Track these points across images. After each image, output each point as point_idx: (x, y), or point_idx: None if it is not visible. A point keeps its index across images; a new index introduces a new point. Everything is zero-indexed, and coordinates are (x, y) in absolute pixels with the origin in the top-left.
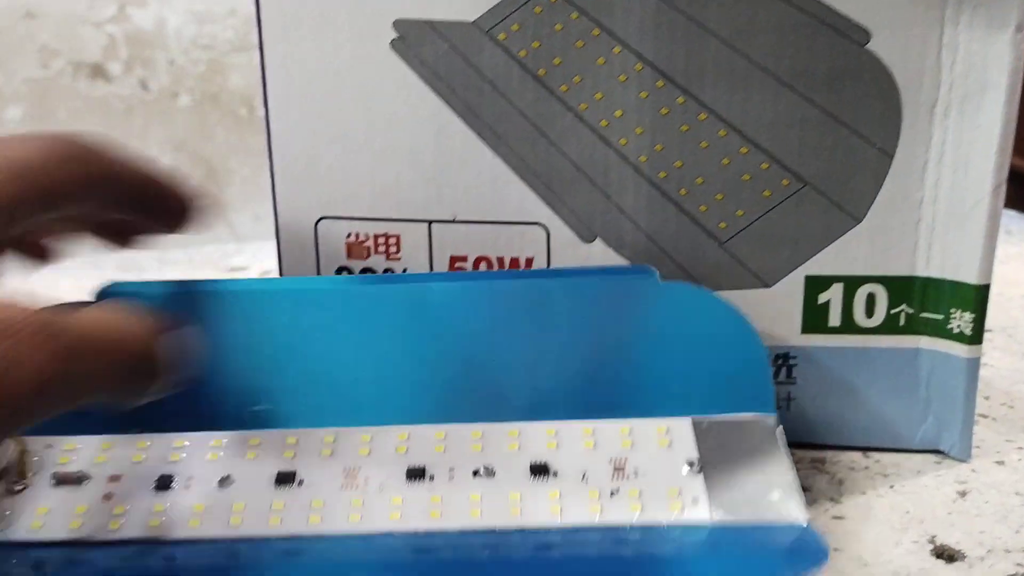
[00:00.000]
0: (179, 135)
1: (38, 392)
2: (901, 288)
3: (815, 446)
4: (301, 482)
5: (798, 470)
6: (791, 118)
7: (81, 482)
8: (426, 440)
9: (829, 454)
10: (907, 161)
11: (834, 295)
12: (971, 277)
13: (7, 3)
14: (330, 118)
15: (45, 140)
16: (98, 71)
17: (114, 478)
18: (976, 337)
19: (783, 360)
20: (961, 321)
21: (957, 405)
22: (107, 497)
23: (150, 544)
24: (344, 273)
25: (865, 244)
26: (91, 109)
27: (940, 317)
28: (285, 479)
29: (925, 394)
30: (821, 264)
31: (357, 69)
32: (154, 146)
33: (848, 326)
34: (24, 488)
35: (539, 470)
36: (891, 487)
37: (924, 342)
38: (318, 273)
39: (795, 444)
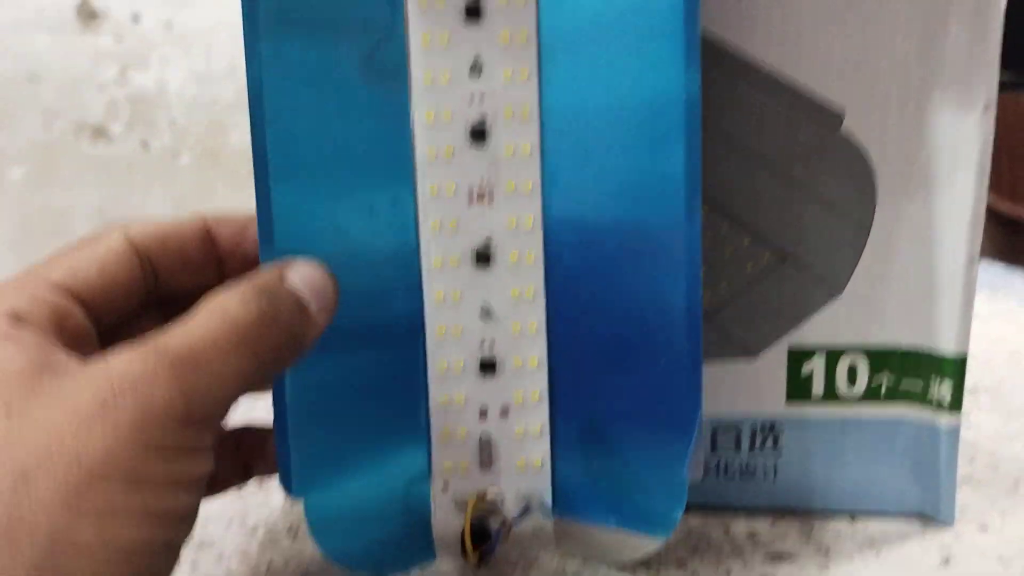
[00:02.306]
0: (180, 193)
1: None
2: (881, 358)
3: (801, 512)
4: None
5: (784, 538)
6: (770, 195)
7: None
8: None
9: (816, 522)
10: (883, 235)
11: (817, 365)
12: (948, 348)
13: (10, 66)
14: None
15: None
16: (100, 132)
17: None
18: (955, 404)
19: (769, 430)
20: (940, 389)
21: (939, 471)
22: None
23: None
24: None
25: (845, 315)
26: (93, 169)
27: (920, 385)
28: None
29: (908, 461)
30: (804, 335)
31: None
32: (155, 204)
33: (831, 395)
34: None
35: None
36: (877, 554)
37: (905, 410)
38: None
39: (782, 511)
